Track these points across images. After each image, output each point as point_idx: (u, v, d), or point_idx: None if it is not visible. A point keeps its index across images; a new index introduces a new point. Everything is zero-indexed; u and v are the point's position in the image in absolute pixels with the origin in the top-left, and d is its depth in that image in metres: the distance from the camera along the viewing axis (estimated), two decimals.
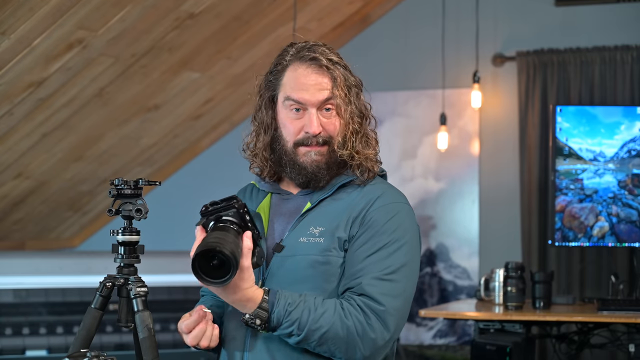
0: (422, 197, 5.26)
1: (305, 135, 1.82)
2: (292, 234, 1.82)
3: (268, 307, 1.70)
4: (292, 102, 1.83)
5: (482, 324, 3.63)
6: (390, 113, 5.32)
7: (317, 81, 1.82)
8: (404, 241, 1.80)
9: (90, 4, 3.56)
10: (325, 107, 1.82)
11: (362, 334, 1.72)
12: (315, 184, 1.85)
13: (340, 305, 1.74)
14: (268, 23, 4.64)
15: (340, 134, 1.83)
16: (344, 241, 1.79)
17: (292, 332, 1.71)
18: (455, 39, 5.21)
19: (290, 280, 1.78)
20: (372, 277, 1.75)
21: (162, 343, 4.34)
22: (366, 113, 1.88)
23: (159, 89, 4.64)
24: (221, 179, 5.48)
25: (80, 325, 1.79)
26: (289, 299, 1.71)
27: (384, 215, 1.80)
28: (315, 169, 1.83)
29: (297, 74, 1.84)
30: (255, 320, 1.70)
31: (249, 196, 1.95)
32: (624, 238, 3.99)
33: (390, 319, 1.74)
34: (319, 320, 1.71)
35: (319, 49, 1.86)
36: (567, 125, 4.03)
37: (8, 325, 4.23)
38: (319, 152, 1.83)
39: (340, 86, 1.82)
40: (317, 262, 1.78)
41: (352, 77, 1.87)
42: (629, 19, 4.95)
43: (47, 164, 4.74)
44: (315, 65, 1.83)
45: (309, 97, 1.82)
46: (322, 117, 1.83)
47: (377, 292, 1.74)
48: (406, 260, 1.79)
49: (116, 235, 1.80)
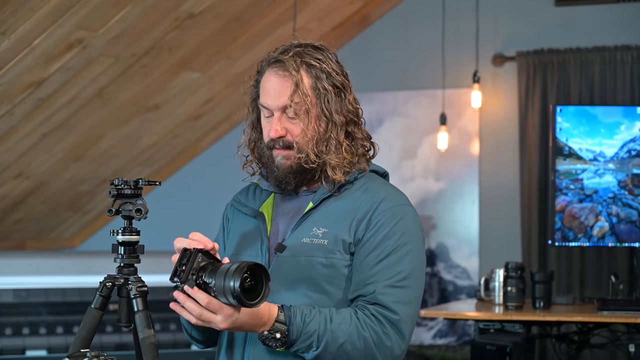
0: (422, 197, 5.26)
1: (270, 138, 1.84)
2: (294, 234, 1.81)
3: (285, 320, 1.69)
4: (261, 106, 1.85)
5: (482, 324, 3.63)
6: (390, 113, 5.32)
7: (276, 86, 1.82)
8: (412, 245, 1.80)
9: (90, 4, 3.56)
10: (288, 112, 1.82)
11: (378, 344, 1.72)
12: (285, 186, 1.85)
13: (355, 315, 1.73)
14: (268, 23, 4.64)
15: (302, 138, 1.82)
16: (349, 244, 1.78)
17: (310, 345, 1.69)
18: (455, 39, 5.21)
19: (291, 281, 1.77)
20: (385, 285, 1.74)
21: (162, 343, 4.35)
22: (338, 118, 1.83)
23: (159, 89, 4.64)
24: (221, 179, 5.47)
25: (80, 325, 1.79)
26: (304, 310, 1.70)
27: (390, 218, 1.79)
28: (282, 172, 1.84)
29: (265, 77, 1.85)
30: (275, 334, 1.68)
31: (252, 195, 1.94)
32: (624, 238, 3.99)
33: (405, 327, 1.75)
34: (336, 331, 1.70)
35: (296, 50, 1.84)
36: (567, 125, 4.03)
37: (8, 325, 4.23)
38: (285, 156, 1.83)
39: (302, 91, 1.80)
40: (321, 264, 1.77)
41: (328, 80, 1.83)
42: (629, 19, 4.95)
43: (47, 164, 4.74)
44: (279, 68, 1.82)
45: (270, 102, 1.82)
46: (287, 121, 1.82)
47: (390, 301, 1.74)
48: (415, 265, 1.79)
49: (116, 235, 1.79)
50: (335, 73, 1.85)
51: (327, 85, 1.83)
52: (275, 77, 1.82)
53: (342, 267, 1.78)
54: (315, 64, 1.83)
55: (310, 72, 1.82)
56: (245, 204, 1.93)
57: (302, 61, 1.82)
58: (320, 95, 1.82)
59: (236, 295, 1.57)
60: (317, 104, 1.82)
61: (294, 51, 1.84)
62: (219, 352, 1.88)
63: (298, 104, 1.80)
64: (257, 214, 1.88)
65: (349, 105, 1.86)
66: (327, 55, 1.86)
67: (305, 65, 1.82)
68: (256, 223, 1.87)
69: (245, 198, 1.94)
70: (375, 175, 1.90)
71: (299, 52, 1.84)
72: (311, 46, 1.86)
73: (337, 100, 1.84)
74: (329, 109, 1.82)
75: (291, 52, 1.83)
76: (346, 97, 1.85)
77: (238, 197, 1.97)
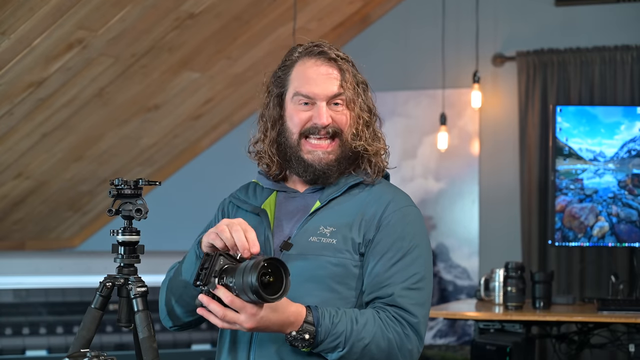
0: (422, 197, 5.26)
1: (313, 125, 1.82)
2: (300, 233, 1.80)
3: (314, 321, 1.68)
4: (301, 97, 1.83)
5: (482, 324, 3.63)
6: (390, 113, 5.32)
7: (326, 73, 1.83)
8: (423, 247, 1.82)
9: (90, 4, 3.56)
10: (335, 102, 1.83)
11: (400, 347, 1.73)
12: (324, 180, 1.84)
13: (378, 315, 1.74)
14: (268, 23, 4.64)
15: (352, 126, 1.84)
16: (359, 244, 1.79)
17: (337, 345, 1.69)
18: (455, 39, 5.21)
19: (300, 280, 1.75)
20: (402, 288, 1.76)
21: (162, 343, 4.35)
22: (374, 110, 1.89)
23: (159, 89, 4.64)
24: (221, 179, 5.48)
25: (80, 325, 1.79)
26: (331, 311, 1.70)
27: (399, 220, 1.80)
28: (324, 166, 1.83)
29: (305, 67, 1.85)
30: (304, 335, 1.67)
31: (252, 194, 1.92)
32: (624, 238, 3.99)
33: (422, 329, 1.77)
34: (362, 331, 1.71)
35: (327, 45, 1.87)
36: (567, 125, 4.03)
37: (8, 325, 4.23)
38: (327, 152, 1.83)
39: (349, 80, 1.83)
40: (330, 264, 1.77)
41: (358, 73, 1.89)
42: (629, 19, 4.95)
43: (47, 164, 4.74)
44: (324, 58, 1.84)
45: (318, 90, 1.82)
46: (332, 110, 1.83)
47: (409, 304, 1.75)
48: (427, 267, 1.82)
49: (116, 235, 1.79)
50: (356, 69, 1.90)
51: (360, 79, 1.88)
52: (323, 66, 1.84)
53: (352, 267, 1.78)
54: (346, 58, 1.87)
55: (347, 64, 1.86)
56: (246, 200, 1.91)
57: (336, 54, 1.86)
58: (361, 87, 1.87)
59: (254, 289, 1.56)
60: (360, 95, 1.86)
61: (327, 46, 1.86)
62: (220, 355, 1.86)
63: (347, 93, 1.83)
64: (260, 211, 1.86)
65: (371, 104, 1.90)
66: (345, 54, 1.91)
67: (342, 57, 1.86)
68: (258, 220, 1.85)
69: (246, 195, 1.93)
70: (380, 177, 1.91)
71: (331, 47, 1.87)
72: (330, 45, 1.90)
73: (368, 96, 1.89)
74: (368, 100, 1.88)
75: (326, 47, 1.86)
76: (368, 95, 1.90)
77: (237, 194, 1.95)
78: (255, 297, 1.57)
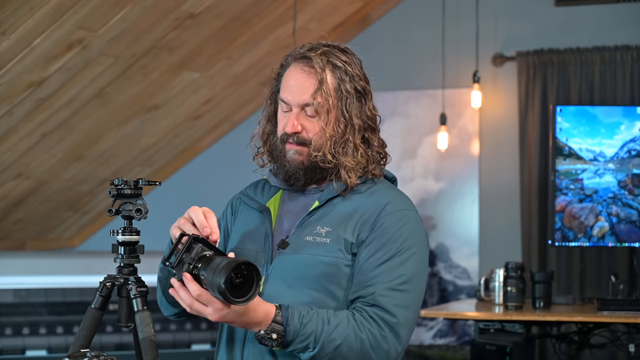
0: (422, 197, 5.26)
1: (285, 132, 1.84)
2: (298, 232, 1.82)
3: (282, 321, 1.68)
4: (282, 102, 1.85)
5: (482, 324, 3.63)
6: (390, 113, 5.32)
7: (299, 82, 1.82)
8: (415, 250, 1.80)
9: (90, 4, 3.56)
10: (307, 110, 1.83)
11: (375, 347, 1.72)
12: (294, 181, 1.86)
13: (353, 317, 1.73)
14: (268, 23, 4.64)
15: (319, 137, 1.83)
16: (351, 244, 1.79)
17: (307, 346, 1.69)
18: (455, 39, 5.21)
19: (293, 278, 1.77)
20: (385, 288, 1.75)
21: (162, 343, 4.35)
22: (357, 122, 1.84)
23: (159, 89, 4.64)
24: (221, 179, 5.48)
25: (80, 325, 1.79)
26: (302, 311, 1.70)
27: (395, 222, 1.80)
28: (293, 168, 1.84)
29: (289, 72, 1.85)
30: (272, 334, 1.68)
31: (261, 191, 1.94)
32: (624, 238, 3.99)
33: (402, 331, 1.74)
34: (333, 332, 1.70)
35: (324, 49, 1.85)
36: (567, 125, 4.03)
37: (8, 325, 4.23)
38: (297, 152, 1.83)
39: (325, 91, 1.81)
40: (322, 263, 1.77)
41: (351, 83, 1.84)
42: (629, 19, 4.95)
43: (47, 164, 4.74)
44: (305, 65, 1.83)
45: (291, 97, 1.83)
46: (305, 118, 1.83)
47: (389, 304, 1.74)
48: (417, 270, 1.79)
49: (116, 235, 1.79)
50: (358, 78, 1.87)
51: (350, 88, 1.84)
52: (299, 73, 1.83)
53: (344, 267, 1.78)
54: (340, 66, 1.84)
55: (335, 72, 1.84)
56: (253, 197, 1.93)
57: (328, 61, 1.83)
58: (342, 97, 1.83)
59: (221, 291, 1.58)
60: (337, 106, 1.83)
61: (321, 50, 1.85)
62: (218, 351, 1.88)
63: (320, 103, 1.81)
64: (263, 209, 1.88)
65: (368, 112, 1.87)
66: (353, 59, 1.88)
67: (331, 65, 1.83)
68: (261, 218, 1.87)
69: (254, 192, 1.95)
70: (383, 180, 1.91)
71: (326, 51, 1.85)
72: (338, 48, 1.88)
73: (358, 104, 1.85)
74: (349, 112, 1.84)
75: (319, 51, 1.84)
76: (366, 103, 1.87)
77: (247, 190, 1.97)
78: (221, 297, 1.59)
